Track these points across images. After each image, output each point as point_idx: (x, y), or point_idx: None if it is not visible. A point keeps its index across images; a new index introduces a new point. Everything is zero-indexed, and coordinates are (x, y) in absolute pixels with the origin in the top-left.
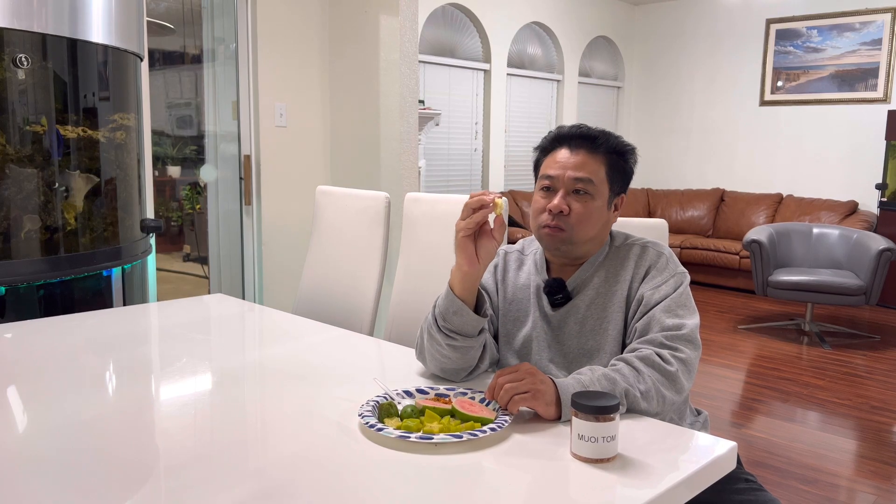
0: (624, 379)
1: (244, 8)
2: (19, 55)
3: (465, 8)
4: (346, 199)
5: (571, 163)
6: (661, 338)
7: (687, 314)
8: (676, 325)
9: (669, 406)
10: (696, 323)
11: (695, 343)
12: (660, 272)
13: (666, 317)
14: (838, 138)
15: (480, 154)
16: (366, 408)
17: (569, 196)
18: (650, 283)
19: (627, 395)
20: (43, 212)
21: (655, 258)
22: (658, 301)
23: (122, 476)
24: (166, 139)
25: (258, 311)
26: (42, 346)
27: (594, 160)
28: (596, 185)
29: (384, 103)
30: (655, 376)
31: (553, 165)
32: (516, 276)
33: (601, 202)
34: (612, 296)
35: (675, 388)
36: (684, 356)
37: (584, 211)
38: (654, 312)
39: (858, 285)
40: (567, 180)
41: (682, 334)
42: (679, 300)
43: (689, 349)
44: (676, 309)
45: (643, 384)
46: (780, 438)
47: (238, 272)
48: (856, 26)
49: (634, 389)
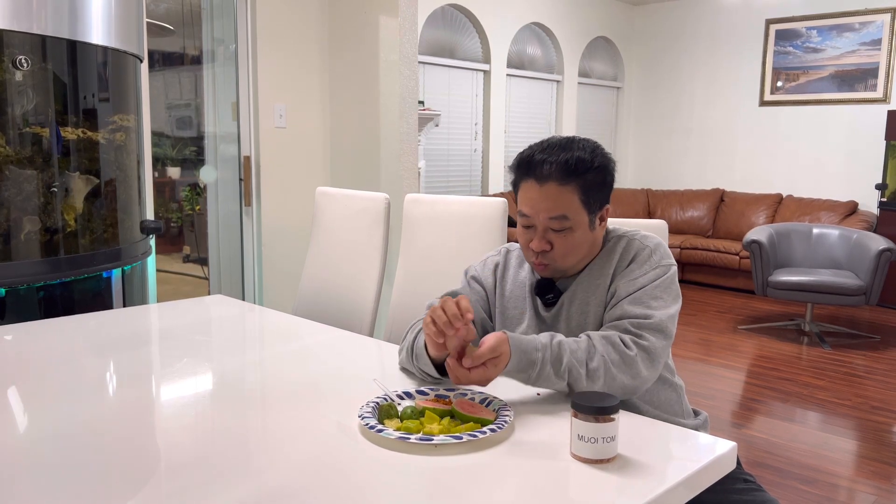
0: (573, 354)
1: (244, 9)
2: (19, 57)
3: (464, 9)
4: (346, 199)
5: (543, 205)
6: (627, 324)
7: (659, 305)
8: (643, 315)
9: (620, 391)
10: (668, 314)
11: (664, 333)
12: (640, 265)
13: (633, 307)
14: (838, 138)
15: (480, 155)
16: (366, 409)
17: (548, 233)
18: (628, 276)
19: (571, 371)
20: (43, 213)
21: (640, 250)
22: (631, 292)
23: (123, 477)
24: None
25: (258, 312)
26: (42, 348)
27: (566, 192)
28: (571, 217)
29: (384, 104)
30: (611, 356)
31: (526, 202)
32: (517, 273)
33: (581, 230)
34: (595, 290)
35: (631, 372)
36: (647, 343)
37: (564, 245)
38: (622, 303)
39: (858, 285)
40: (542, 220)
41: (648, 323)
42: (653, 292)
43: (654, 337)
44: (648, 300)
45: (593, 362)
46: (780, 439)
47: (238, 273)
48: (855, 26)
49: (580, 366)
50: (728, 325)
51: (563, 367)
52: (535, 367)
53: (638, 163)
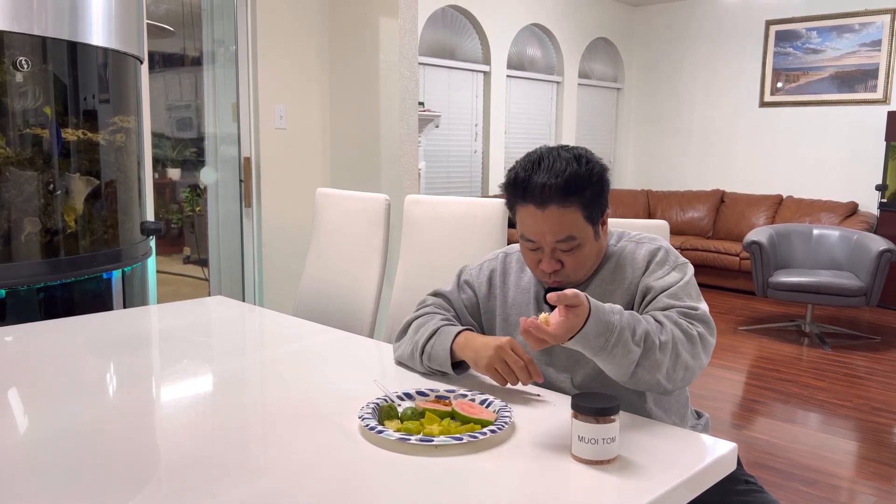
0: (647, 324)
1: (244, 10)
2: (19, 58)
3: (464, 10)
4: (346, 200)
5: (548, 229)
6: (676, 313)
7: (697, 300)
8: (690, 306)
9: (681, 371)
10: (706, 309)
11: (709, 325)
12: (660, 265)
13: (675, 300)
14: (838, 139)
15: (480, 156)
16: (366, 410)
17: (556, 252)
18: (654, 275)
19: (647, 338)
20: (43, 214)
21: (654, 252)
22: (665, 288)
23: (123, 478)
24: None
25: (258, 312)
26: (42, 349)
27: (568, 213)
28: (578, 235)
29: (384, 105)
30: (678, 333)
31: (529, 227)
32: (518, 279)
33: (588, 243)
34: (611, 294)
35: (692, 352)
36: (702, 331)
37: (575, 261)
38: (662, 297)
39: (859, 286)
40: (549, 243)
41: (696, 314)
42: (685, 289)
43: (704, 328)
44: (684, 296)
45: (664, 335)
46: (781, 440)
47: (238, 274)
48: (855, 27)
49: (655, 336)
50: (728, 326)
51: (640, 333)
52: (614, 330)
53: (638, 164)
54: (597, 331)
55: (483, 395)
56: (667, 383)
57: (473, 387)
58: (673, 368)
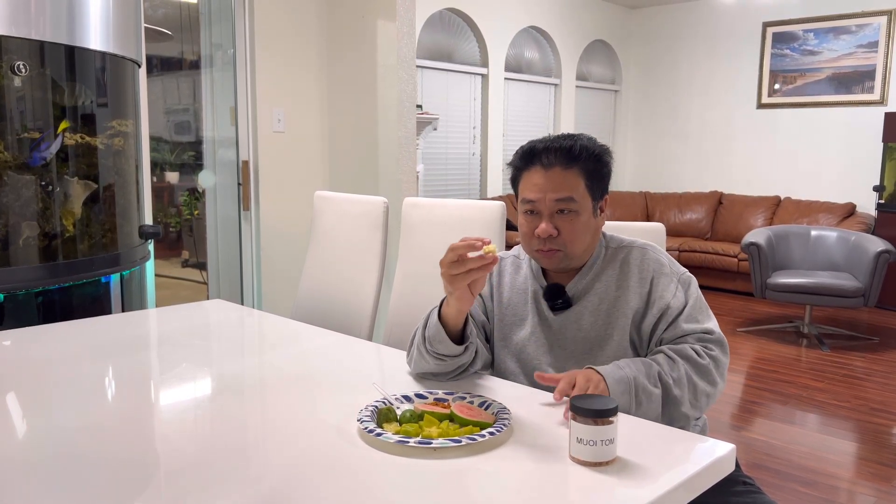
0: (658, 365)
1: (242, 14)
2: (17, 62)
3: (462, 13)
4: (345, 204)
5: (550, 184)
6: (691, 340)
7: (705, 318)
8: (703, 329)
9: (703, 398)
10: (716, 324)
11: (723, 344)
12: (668, 279)
13: (690, 324)
14: (836, 141)
15: (479, 158)
16: (364, 413)
17: (554, 217)
18: (665, 292)
19: (661, 377)
20: (41, 218)
21: (658, 265)
22: (679, 309)
23: (122, 482)
24: (164, 145)
25: (257, 316)
26: (41, 353)
27: (571, 175)
28: (578, 200)
29: (382, 108)
30: (687, 366)
31: (532, 189)
32: (513, 279)
33: (586, 215)
34: (617, 301)
35: (708, 379)
36: (715, 354)
37: (572, 228)
38: (678, 322)
39: (857, 287)
40: (549, 203)
41: (711, 338)
42: (697, 305)
43: (718, 350)
44: (697, 315)
45: (676, 372)
46: (780, 441)
47: (237, 277)
48: (852, 29)
49: (667, 376)
50: (727, 328)
51: (654, 374)
52: (630, 381)
53: (636, 166)
54: (619, 390)
55: (482, 397)
56: (693, 412)
57: (472, 389)
58: (695, 398)
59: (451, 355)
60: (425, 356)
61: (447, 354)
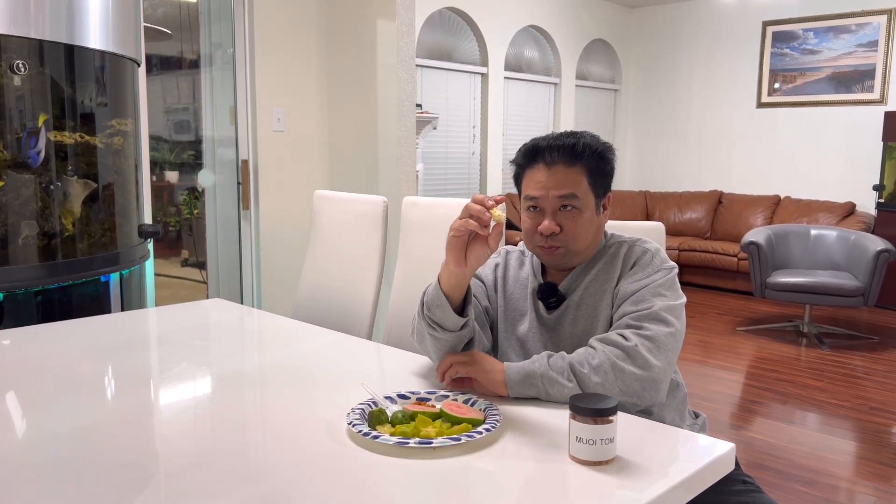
0: (574, 357)
1: (241, 13)
2: (16, 61)
3: (462, 12)
4: (344, 203)
5: (552, 181)
6: (628, 320)
7: (659, 300)
8: (643, 308)
9: (635, 383)
10: (667, 304)
11: (664, 321)
12: (642, 268)
13: (634, 306)
14: (835, 140)
15: (478, 157)
16: (353, 416)
17: (556, 214)
18: (630, 278)
19: (573, 369)
20: (41, 217)
21: (641, 254)
22: (633, 292)
23: (121, 481)
24: (164, 144)
25: (257, 315)
26: (40, 352)
27: (574, 172)
28: (580, 197)
29: (382, 107)
30: (611, 351)
31: (534, 186)
32: (517, 274)
33: (589, 212)
34: (601, 294)
35: (637, 362)
36: (649, 332)
37: (574, 226)
38: (625, 304)
39: (856, 286)
40: (552, 200)
41: (646, 313)
42: (654, 290)
43: (655, 325)
44: (649, 297)
45: (595, 359)
46: (779, 440)
47: (236, 277)
48: (852, 28)
49: (582, 366)
50: (727, 327)
51: (566, 370)
52: (535, 374)
53: (636, 165)
54: (519, 379)
55: (465, 394)
56: (635, 399)
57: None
58: (623, 383)
59: (447, 328)
60: (422, 324)
61: (442, 325)
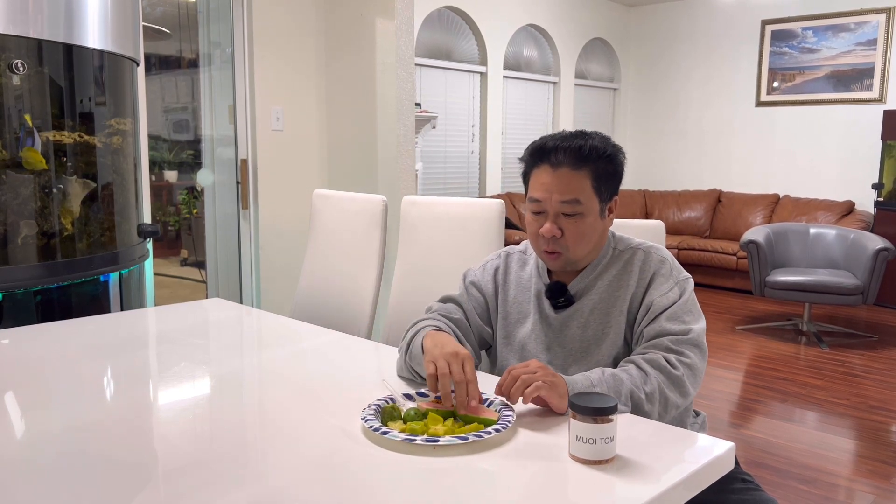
0: (630, 380)
1: (240, 12)
2: (15, 61)
3: (461, 11)
4: (344, 202)
5: (556, 184)
6: (668, 342)
7: (692, 319)
8: (682, 330)
9: (673, 410)
10: (701, 328)
11: (701, 348)
12: (665, 279)
13: (672, 323)
14: (834, 138)
15: (477, 156)
16: (368, 411)
17: (559, 218)
18: (657, 290)
19: (632, 395)
20: (40, 217)
21: (659, 264)
22: (665, 307)
23: (121, 481)
24: (163, 144)
25: (256, 315)
26: (39, 352)
27: (578, 176)
28: (584, 202)
29: (381, 106)
30: (661, 378)
31: (538, 188)
32: (519, 275)
33: (592, 217)
34: (616, 301)
35: (681, 391)
36: (690, 361)
37: (576, 231)
38: (660, 319)
39: (855, 285)
40: (554, 204)
41: (687, 338)
42: (685, 306)
43: (694, 354)
44: (682, 315)
45: (648, 386)
46: (779, 438)
47: (236, 276)
48: (851, 27)
49: (639, 391)
50: (726, 326)
51: (625, 393)
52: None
53: (635, 164)
54: None
55: (483, 394)
56: (661, 420)
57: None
58: (665, 410)
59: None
60: (403, 365)
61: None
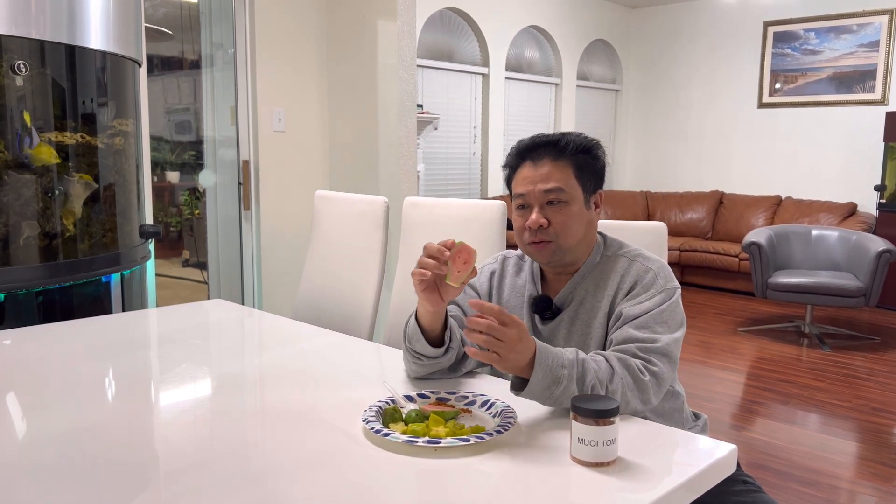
0: (596, 373)
1: (242, 13)
2: (18, 62)
3: (462, 12)
4: (345, 203)
5: (538, 176)
6: (634, 348)
7: (664, 330)
8: (649, 339)
9: (629, 411)
10: (674, 338)
11: (669, 357)
12: (645, 289)
13: (639, 331)
14: (836, 140)
15: (479, 158)
16: (369, 413)
17: (544, 209)
18: (633, 300)
19: (593, 389)
20: (42, 218)
21: (642, 273)
22: (636, 316)
23: (122, 482)
24: (165, 145)
25: (257, 316)
26: (41, 353)
27: (560, 166)
28: (567, 190)
29: (382, 108)
30: (627, 381)
31: (522, 182)
32: (514, 281)
33: (577, 206)
34: (595, 310)
35: (643, 397)
36: (657, 370)
37: (563, 219)
38: (627, 327)
39: (858, 287)
40: (538, 194)
41: (656, 347)
42: (659, 317)
43: (662, 363)
44: (654, 325)
45: (613, 384)
46: (781, 440)
47: (237, 277)
48: (853, 28)
49: (601, 387)
50: (728, 328)
51: (587, 385)
52: (560, 384)
53: (637, 165)
54: (543, 385)
55: (484, 396)
56: None
57: (473, 389)
58: (624, 410)
59: (427, 356)
60: (406, 354)
61: (424, 354)
